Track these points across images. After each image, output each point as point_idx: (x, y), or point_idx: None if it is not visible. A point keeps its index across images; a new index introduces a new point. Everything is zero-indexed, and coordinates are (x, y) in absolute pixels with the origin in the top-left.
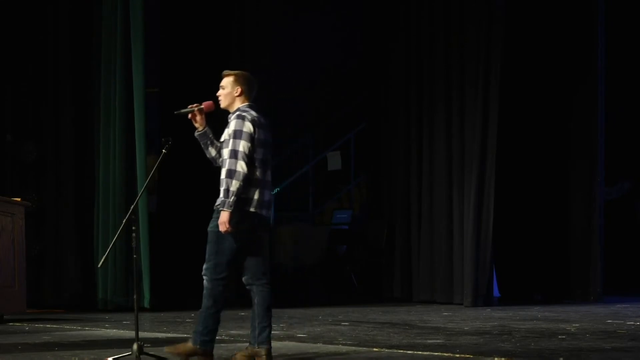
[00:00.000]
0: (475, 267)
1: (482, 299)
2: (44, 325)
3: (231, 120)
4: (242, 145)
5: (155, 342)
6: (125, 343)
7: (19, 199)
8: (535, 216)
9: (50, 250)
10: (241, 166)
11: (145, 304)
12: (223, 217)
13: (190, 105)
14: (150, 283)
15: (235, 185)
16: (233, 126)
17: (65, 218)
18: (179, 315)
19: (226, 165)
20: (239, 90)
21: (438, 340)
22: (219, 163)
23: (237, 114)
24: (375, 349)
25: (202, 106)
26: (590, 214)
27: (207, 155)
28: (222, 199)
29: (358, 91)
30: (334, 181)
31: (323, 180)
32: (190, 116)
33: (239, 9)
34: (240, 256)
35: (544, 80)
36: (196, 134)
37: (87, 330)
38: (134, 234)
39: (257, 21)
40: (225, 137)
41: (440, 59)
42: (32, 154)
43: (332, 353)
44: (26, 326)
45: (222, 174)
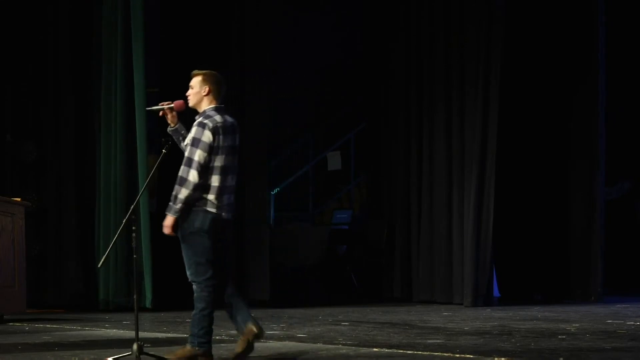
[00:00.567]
0: (475, 267)
1: (482, 299)
2: (44, 325)
3: (194, 125)
4: (198, 155)
5: (155, 342)
6: (125, 343)
7: (19, 199)
8: (535, 216)
9: (51, 251)
10: (193, 175)
11: (147, 304)
12: (167, 221)
13: (161, 103)
14: (152, 283)
15: (183, 193)
16: (193, 133)
17: (65, 218)
18: (179, 315)
19: (180, 172)
20: (206, 89)
21: (438, 340)
22: None
23: (199, 121)
24: (375, 349)
25: (172, 105)
26: (590, 214)
27: (182, 149)
28: (170, 204)
29: (358, 91)
30: (334, 181)
31: (323, 180)
32: (161, 113)
33: (239, 9)
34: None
35: (544, 80)
36: (169, 129)
37: (87, 330)
38: (134, 234)
39: (257, 21)
40: (187, 141)
41: (440, 59)
42: (32, 154)
43: (332, 353)
44: (26, 326)
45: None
